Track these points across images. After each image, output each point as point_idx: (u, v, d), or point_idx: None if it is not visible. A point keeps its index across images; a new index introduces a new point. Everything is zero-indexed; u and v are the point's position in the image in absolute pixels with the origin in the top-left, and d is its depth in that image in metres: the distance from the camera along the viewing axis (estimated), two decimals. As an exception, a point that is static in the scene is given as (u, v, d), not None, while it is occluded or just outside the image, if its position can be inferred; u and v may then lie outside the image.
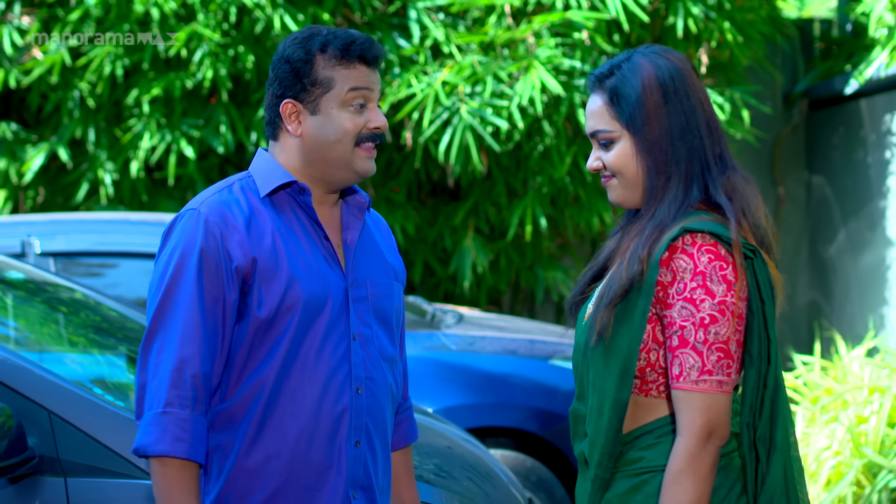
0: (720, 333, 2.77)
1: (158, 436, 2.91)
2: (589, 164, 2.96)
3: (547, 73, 7.94)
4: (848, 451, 6.59)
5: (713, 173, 2.87)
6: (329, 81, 3.02)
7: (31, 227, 6.30)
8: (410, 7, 8.42)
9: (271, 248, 3.00)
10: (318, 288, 3.01)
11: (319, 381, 3.00)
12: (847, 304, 10.01)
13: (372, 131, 3.05)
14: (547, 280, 9.07)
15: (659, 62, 2.91)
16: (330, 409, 3.01)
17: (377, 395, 3.09)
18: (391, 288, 3.17)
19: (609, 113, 2.91)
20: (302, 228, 3.06)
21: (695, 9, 8.44)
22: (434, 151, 8.37)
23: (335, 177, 3.06)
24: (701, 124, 2.89)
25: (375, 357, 3.09)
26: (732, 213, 2.83)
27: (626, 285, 2.82)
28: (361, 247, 3.15)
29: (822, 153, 10.49)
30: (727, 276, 2.78)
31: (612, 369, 2.84)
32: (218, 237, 2.97)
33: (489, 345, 6.66)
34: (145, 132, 8.38)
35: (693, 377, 2.77)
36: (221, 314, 2.97)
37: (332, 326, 3.03)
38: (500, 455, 6.26)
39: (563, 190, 8.84)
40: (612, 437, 2.85)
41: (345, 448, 3.03)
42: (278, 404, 2.99)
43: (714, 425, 2.76)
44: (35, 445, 3.52)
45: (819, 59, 10.53)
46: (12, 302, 4.73)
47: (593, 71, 2.97)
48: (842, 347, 7.73)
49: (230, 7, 8.19)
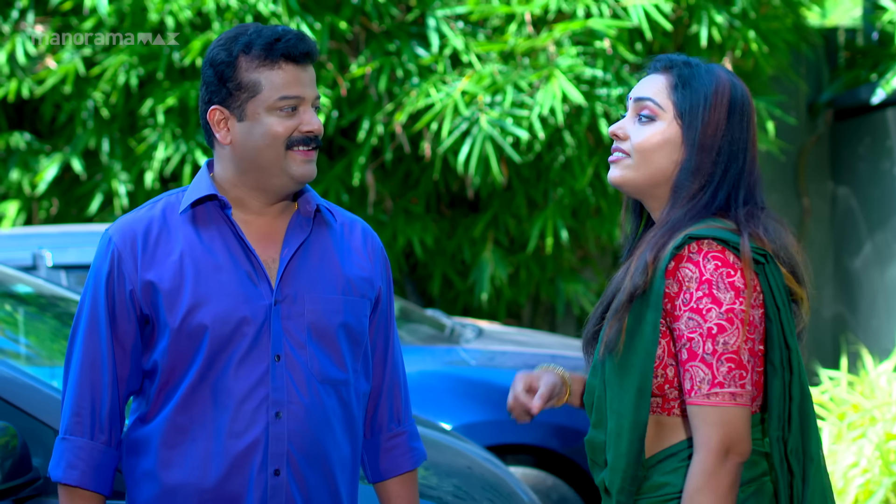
0: (729, 343, 2.67)
1: (56, 462, 2.94)
2: (613, 128, 2.84)
3: (568, 83, 7.91)
4: (877, 468, 6.56)
5: (739, 199, 2.78)
6: (254, 85, 2.89)
7: (43, 239, 6.30)
8: (429, 15, 8.39)
9: (175, 270, 2.91)
10: (229, 308, 2.90)
11: (229, 406, 2.90)
12: (873, 318, 9.95)
13: (304, 134, 2.92)
14: (568, 293, 9.07)
15: (736, 83, 2.83)
16: (239, 436, 2.90)
17: (306, 420, 2.93)
18: (339, 304, 2.99)
19: (669, 93, 2.81)
20: (223, 245, 2.95)
21: (719, 17, 8.41)
22: (453, 162, 8.34)
23: (272, 184, 2.94)
24: (747, 157, 2.81)
25: (307, 379, 2.94)
26: (746, 227, 2.74)
27: (631, 291, 2.72)
28: (306, 259, 2.99)
29: (848, 164, 10.45)
30: (735, 283, 2.68)
31: (627, 388, 2.73)
32: (117, 263, 2.93)
33: (510, 360, 6.63)
34: (160, 142, 8.38)
35: (704, 391, 2.67)
36: (123, 342, 2.93)
37: (252, 347, 2.91)
38: (521, 473, 6.21)
39: (585, 201, 8.82)
40: (634, 461, 2.74)
41: (259, 477, 2.90)
42: (188, 430, 2.91)
43: (731, 440, 2.65)
44: (40, 466, 3.45)
45: (844, 69, 10.51)
46: (23, 317, 4.70)
47: (667, 54, 2.87)
48: (868, 362, 7.75)
49: (246, 16, 8.19)
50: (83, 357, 2.93)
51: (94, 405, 2.92)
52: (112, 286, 2.92)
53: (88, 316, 2.94)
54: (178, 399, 2.91)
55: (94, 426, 2.92)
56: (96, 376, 2.92)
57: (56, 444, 2.95)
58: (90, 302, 2.95)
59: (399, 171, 8.92)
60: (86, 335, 2.94)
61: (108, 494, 2.96)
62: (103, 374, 2.92)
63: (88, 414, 2.92)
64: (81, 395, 2.92)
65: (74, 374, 2.93)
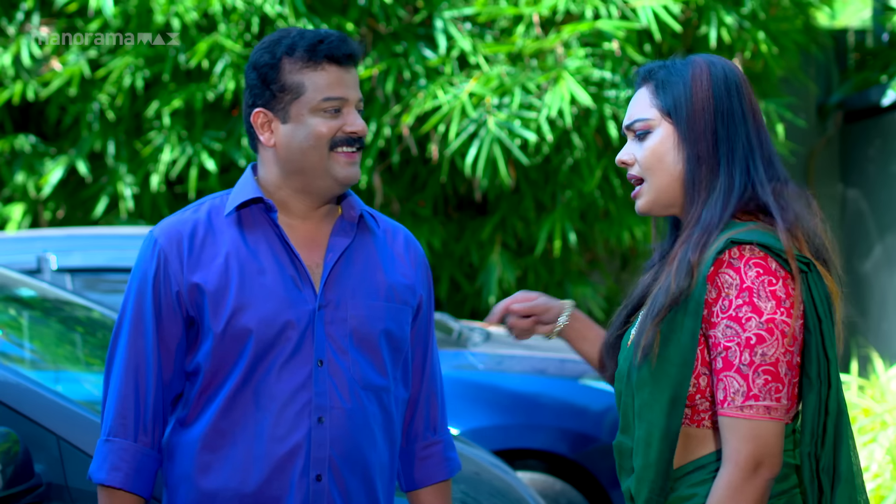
0: (767, 354, 2.60)
1: (99, 463, 2.92)
2: (618, 157, 2.81)
3: (576, 85, 7.90)
4: (888, 473, 6.55)
5: (760, 174, 2.71)
6: (298, 86, 2.90)
7: (48, 242, 6.29)
8: (437, 17, 8.38)
9: (221, 272, 2.91)
10: (273, 312, 2.89)
11: (272, 409, 2.89)
12: (884, 321, 9.93)
13: (348, 135, 2.92)
14: (576, 297, 9.05)
15: (714, 61, 2.78)
16: (281, 441, 2.89)
17: (347, 426, 2.92)
18: (381, 310, 2.98)
19: (650, 101, 2.78)
20: (268, 248, 2.95)
21: (728, 18, 8.39)
22: (461, 164, 8.34)
23: (316, 186, 2.94)
24: (750, 129, 2.73)
25: (349, 385, 2.92)
26: (783, 218, 2.65)
27: (676, 294, 2.64)
28: (350, 264, 2.99)
29: (857, 166, 10.44)
30: (776, 292, 2.61)
31: (660, 397, 2.66)
32: (163, 264, 2.92)
33: (518, 364, 6.59)
34: (166, 145, 8.37)
35: (738, 402, 2.59)
36: (169, 344, 2.92)
37: (295, 352, 2.90)
38: (529, 478, 6.18)
39: (593, 204, 8.81)
40: (663, 472, 2.67)
41: (301, 482, 2.89)
42: (228, 434, 2.90)
43: (762, 455, 2.58)
44: (42, 472, 3.44)
45: (854, 70, 10.49)
46: (27, 321, 4.70)
47: (645, 65, 2.84)
48: (879, 366, 7.75)
49: (252, 18, 8.18)
50: (128, 358, 2.91)
51: (138, 407, 2.90)
52: (158, 287, 2.91)
53: (133, 317, 2.92)
54: (220, 403, 2.89)
55: (137, 428, 2.90)
56: (141, 378, 2.90)
57: (99, 445, 2.92)
58: (134, 303, 2.93)
59: (406, 174, 8.92)
60: (130, 336, 2.92)
61: (148, 498, 2.94)
62: (148, 376, 2.90)
63: (132, 416, 2.90)
64: (126, 397, 2.90)
65: (118, 376, 2.91)
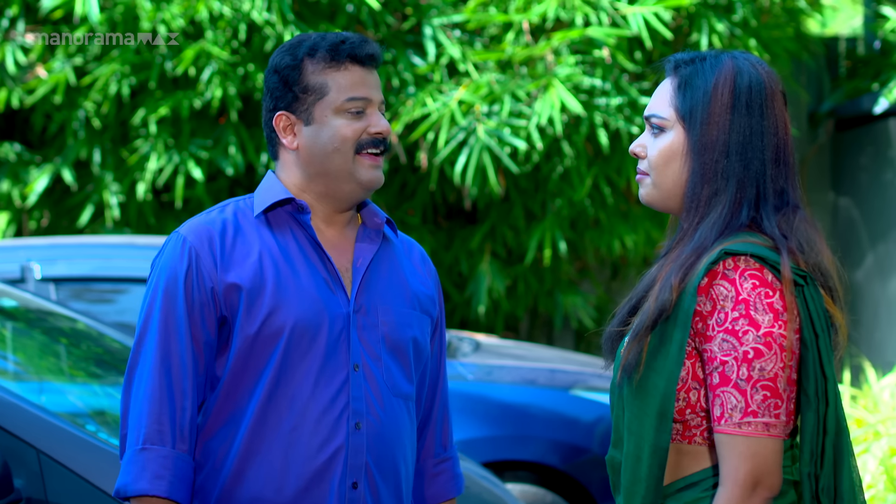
0: (766, 369, 2.53)
1: (137, 473, 2.77)
2: (632, 147, 2.74)
3: (566, 92, 7.90)
4: (881, 484, 6.52)
5: (768, 205, 2.62)
6: (321, 87, 2.86)
7: (32, 251, 6.27)
8: (425, 24, 8.39)
9: (256, 270, 2.84)
10: (309, 312, 2.83)
11: (311, 415, 2.81)
12: (876, 330, 9.93)
13: (373, 136, 2.88)
14: (566, 306, 9.07)
15: (743, 67, 2.66)
16: (321, 447, 2.81)
17: (382, 433, 2.86)
18: (409, 317, 2.95)
19: (670, 99, 2.68)
20: (300, 250, 2.89)
21: (719, 25, 8.41)
22: (450, 173, 8.34)
23: (340, 190, 2.89)
24: (767, 148, 2.64)
25: (382, 391, 2.87)
26: (784, 244, 2.58)
27: (655, 315, 2.58)
28: (377, 271, 2.94)
29: (849, 174, 10.46)
30: (774, 305, 2.54)
31: (648, 411, 2.60)
32: (196, 262, 2.83)
33: (507, 374, 6.58)
34: (152, 153, 8.35)
35: (735, 419, 2.53)
36: (203, 344, 2.82)
37: (330, 356, 2.84)
38: (520, 490, 6.16)
39: (583, 213, 8.81)
40: (653, 488, 2.60)
41: (339, 490, 2.81)
42: (263, 441, 2.81)
43: (760, 473, 2.52)
44: (22, 487, 3.42)
45: (845, 78, 10.50)
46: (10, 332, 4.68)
47: (677, 54, 2.75)
48: (871, 375, 7.72)
49: (239, 24, 8.17)
50: (159, 361, 2.79)
51: (174, 412, 2.78)
52: (191, 286, 2.82)
53: (162, 318, 2.81)
54: (252, 409, 2.81)
55: (174, 434, 2.78)
56: (176, 381, 2.79)
57: (132, 455, 2.77)
58: (162, 304, 2.82)
59: (395, 182, 8.90)
60: (160, 338, 2.80)
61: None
62: (184, 379, 2.79)
63: (169, 421, 2.78)
64: (160, 402, 2.78)
65: (149, 380, 2.79)
